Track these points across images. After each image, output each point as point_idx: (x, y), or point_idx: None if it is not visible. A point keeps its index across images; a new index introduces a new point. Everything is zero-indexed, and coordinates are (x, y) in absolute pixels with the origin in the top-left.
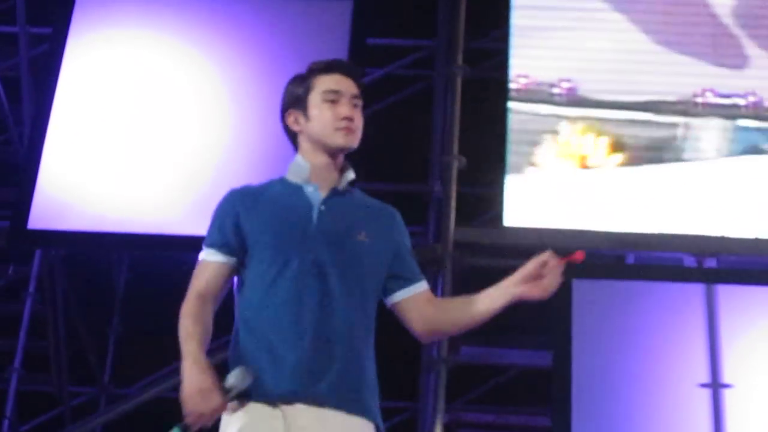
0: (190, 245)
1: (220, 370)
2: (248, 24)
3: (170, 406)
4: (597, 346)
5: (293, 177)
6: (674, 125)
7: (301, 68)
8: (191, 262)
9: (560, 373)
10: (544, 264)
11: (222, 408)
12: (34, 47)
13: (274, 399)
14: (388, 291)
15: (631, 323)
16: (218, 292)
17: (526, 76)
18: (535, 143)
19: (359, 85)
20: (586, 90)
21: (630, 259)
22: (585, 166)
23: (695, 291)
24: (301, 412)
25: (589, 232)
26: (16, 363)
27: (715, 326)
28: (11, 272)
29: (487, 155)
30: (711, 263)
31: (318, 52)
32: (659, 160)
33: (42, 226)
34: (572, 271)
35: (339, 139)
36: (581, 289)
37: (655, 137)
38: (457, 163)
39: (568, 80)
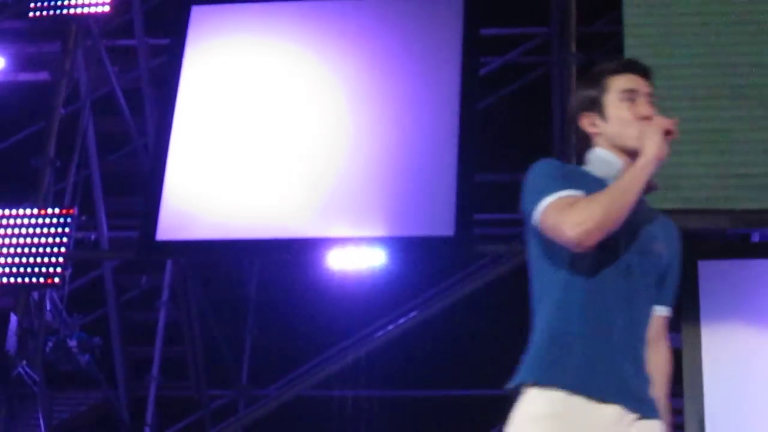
0: (316, 247)
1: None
2: (361, 25)
3: (308, 405)
4: (726, 325)
5: (599, 171)
6: None
7: (416, 65)
8: (319, 263)
9: (691, 353)
10: None
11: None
12: (154, 58)
13: (592, 396)
14: None
15: (759, 301)
16: None
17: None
18: None
19: (652, 84)
20: None
21: (755, 238)
22: None
23: None
24: (620, 418)
25: (714, 211)
26: (154, 371)
27: None
28: (144, 282)
29: None
30: None
31: (432, 47)
32: None
33: (170, 237)
34: (698, 253)
35: (637, 142)
36: (707, 269)
37: None
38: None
39: None
